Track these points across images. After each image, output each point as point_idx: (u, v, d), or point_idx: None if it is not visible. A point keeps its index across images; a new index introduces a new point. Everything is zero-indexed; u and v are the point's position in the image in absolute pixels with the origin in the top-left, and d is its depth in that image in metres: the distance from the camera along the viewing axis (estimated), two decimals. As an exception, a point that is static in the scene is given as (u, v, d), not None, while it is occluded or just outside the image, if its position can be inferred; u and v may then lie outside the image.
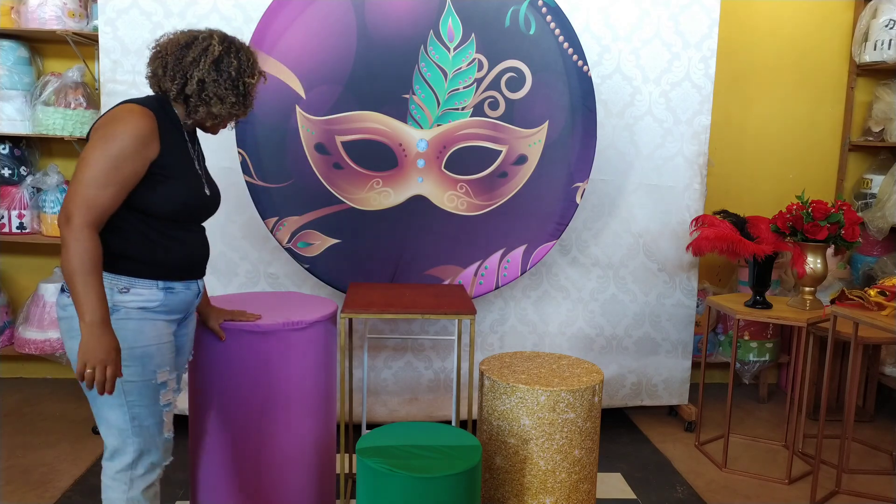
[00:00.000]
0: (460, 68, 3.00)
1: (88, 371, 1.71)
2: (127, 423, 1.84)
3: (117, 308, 1.80)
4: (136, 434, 1.85)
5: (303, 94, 2.92)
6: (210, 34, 1.89)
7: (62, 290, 1.84)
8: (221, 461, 2.30)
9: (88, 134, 1.82)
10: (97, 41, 3.21)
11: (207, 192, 1.99)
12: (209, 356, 2.26)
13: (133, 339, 1.81)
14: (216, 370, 2.25)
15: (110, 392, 1.74)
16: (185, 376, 2.21)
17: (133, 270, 1.83)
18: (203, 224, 2.03)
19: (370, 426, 2.66)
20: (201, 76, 1.84)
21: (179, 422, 2.17)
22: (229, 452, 2.30)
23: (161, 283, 1.87)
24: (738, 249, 3.05)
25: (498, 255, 3.14)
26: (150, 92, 1.97)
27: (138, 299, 1.83)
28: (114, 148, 1.73)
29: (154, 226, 1.85)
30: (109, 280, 1.80)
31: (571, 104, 3.08)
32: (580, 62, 3.07)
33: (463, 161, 3.05)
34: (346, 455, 2.94)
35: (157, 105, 1.88)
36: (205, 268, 2.03)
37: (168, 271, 1.88)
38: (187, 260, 1.93)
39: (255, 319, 2.24)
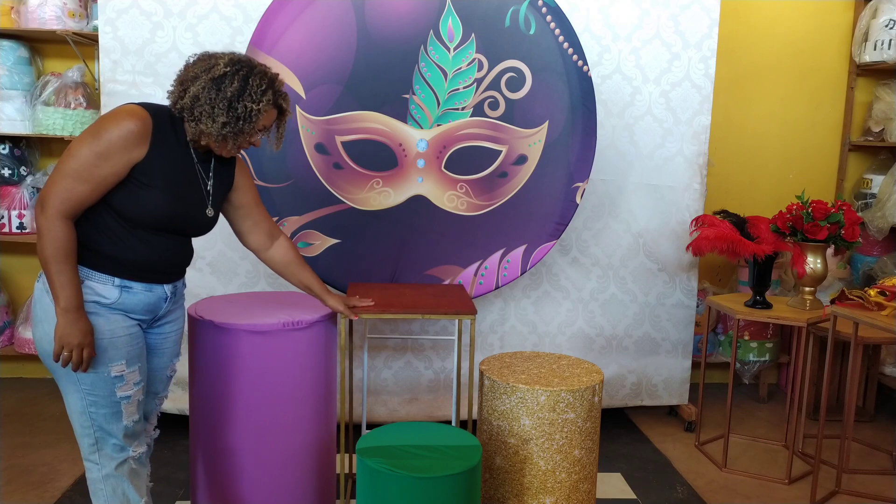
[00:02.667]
0: (460, 68, 3.00)
1: (65, 354, 1.80)
2: (85, 409, 1.89)
3: None
4: (92, 419, 1.90)
5: (303, 94, 2.92)
6: (223, 55, 1.89)
7: (39, 277, 1.88)
8: (222, 461, 2.30)
9: None
10: (97, 41, 3.21)
11: (210, 213, 2.00)
12: (210, 356, 2.26)
13: (95, 332, 1.85)
14: (217, 370, 2.25)
15: (85, 370, 1.84)
16: (173, 377, 2.21)
17: (91, 262, 1.85)
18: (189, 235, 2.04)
19: (370, 426, 2.66)
20: (196, 91, 1.84)
21: (180, 422, 2.18)
22: (230, 452, 2.30)
23: (117, 281, 1.87)
24: (738, 249, 3.05)
25: (498, 255, 3.14)
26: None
27: (91, 293, 1.85)
28: (99, 144, 1.76)
29: (124, 225, 1.86)
30: None
31: (571, 104, 3.08)
32: (580, 62, 3.07)
33: (463, 161, 3.05)
34: (347, 455, 2.94)
35: (164, 113, 1.88)
36: (175, 273, 2.02)
37: (125, 269, 1.88)
38: (148, 262, 1.91)
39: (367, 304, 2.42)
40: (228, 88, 1.84)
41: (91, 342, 1.81)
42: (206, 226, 2.03)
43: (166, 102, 1.94)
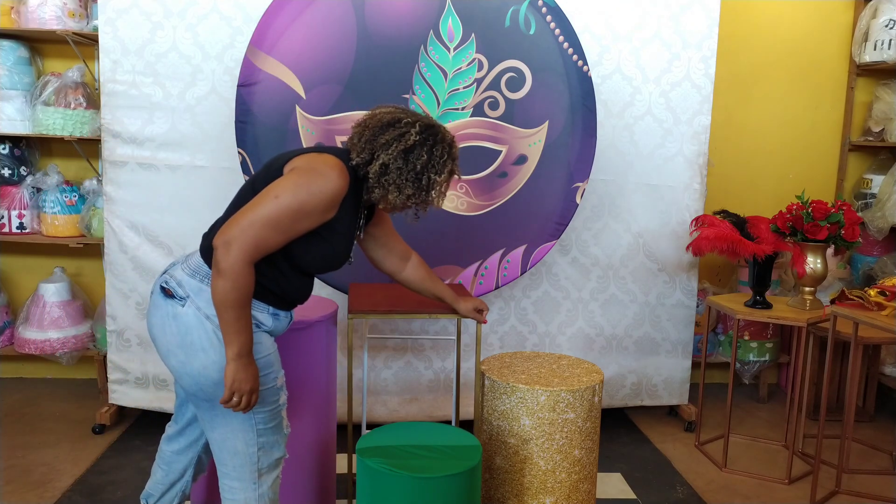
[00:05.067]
0: (460, 68, 3.00)
1: (235, 399, 1.74)
2: (252, 428, 1.84)
3: None
4: (260, 435, 1.86)
5: (303, 95, 2.92)
6: (414, 121, 1.88)
7: (168, 293, 1.79)
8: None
9: (277, 164, 1.80)
10: (97, 41, 3.21)
11: (352, 257, 2.00)
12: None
13: (259, 350, 1.81)
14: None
15: (245, 412, 1.79)
16: None
17: (256, 293, 1.80)
18: None
19: (370, 426, 2.66)
20: (387, 160, 1.84)
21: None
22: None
23: (271, 310, 1.87)
24: (738, 249, 3.05)
25: (498, 255, 3.14)
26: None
27: (254, 320, 1.82)
28: (305, 201, 1.73)
29: (290, 266, 1.85)
30: None
31: (571, 104, 3.08)
32: (580, 62, 3.07)
33: (463, 161, 3.02)
34: (350, 455, 2.94)
35: (353, 172, 1.87)
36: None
37: (280, 302, 1.88)
38: (299, 296, 1.93)
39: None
40: (417, 162, 1.86)
41: (258, 387, 1.78)
42: (342, 265, 2.03)
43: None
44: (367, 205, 2.00)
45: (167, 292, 1.78)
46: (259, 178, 1.84)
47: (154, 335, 1.83)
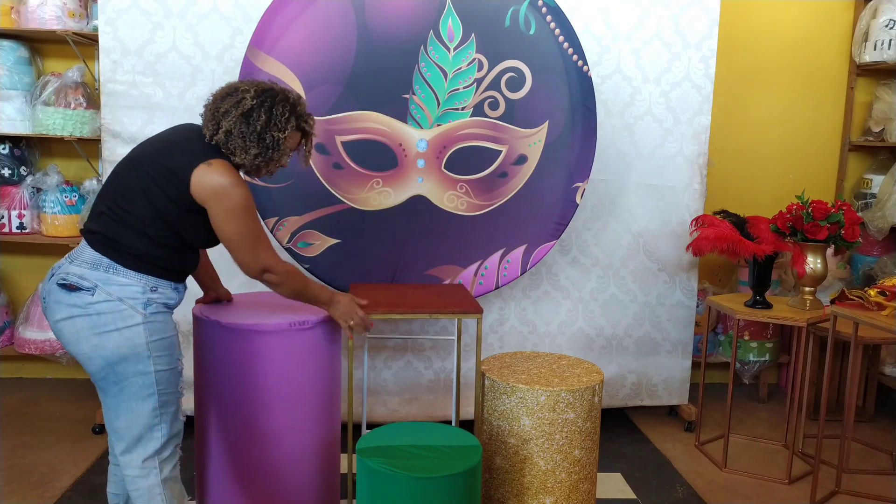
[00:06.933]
0: (460, 68, 3.00)
1: (352, 323, 2.29)
2: (156, 410, 1.97)
3: (150, 303, 1.95)
4: (164, 420, 1.99)
5: (303, 94, 2.92)
6: (249, 87, 2.02)
7: (71, 287, 1.91)
8: (227, 461, 2.31)
9: (181, 173, 1.94)
10: (97, 41, 3.21)
11: None
12: (215, 356, 2.26)
13: (164, 330, 1.98)
14: (221, 370, 2.25)
15: (371, 326, 2.35)
16: None
17: (158, 273, 1.98)
18: None
19: (370, 426, 2.66)
20: (229, 127, 1.98)
21: (185, 423, 2.18)
22: (235, 452, 2.30)
23: (173, 285, 2.04)
24: (738, 249, 3.05)
25: (498, 255, 3.14)
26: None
27: (163, 297, 1.99)
28: (248, 204, 2.00)
29: (185, 243, 2.03)
30: (141, 279, 1.94)
31: (571, 104, 3.08)
32: (580, 62, 3.07)
33: (463, 161, 3.05)
34: (350, 455, 2.94)
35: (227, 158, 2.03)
36: None
37: (180, 276, 2.07)
38: (191, 266, 2.11)
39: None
40: (257, 122, 1.99)
41: (359, 309, 2.33)
42: None
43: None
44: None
45: (70, 287, 1.90)
46: (154, 178, 1.94)
47: (60, 329, 1.94)
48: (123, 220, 1.93)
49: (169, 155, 1.97)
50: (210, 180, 1.94)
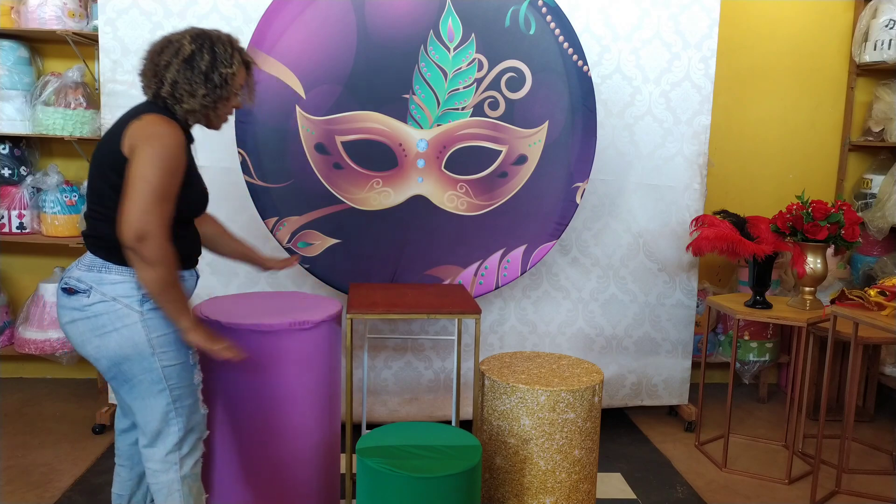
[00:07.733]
0: (460, 68, 3.00)
1: (220, 354, 1.96)
2: (170, 405, 1.96)
3: (147, 299, 1.90)
4: (179, 414, 1.97)
5: (303, 94, 2.92)
6: (183, 35, 1.94)
7: (71, 291, 1.90)
8: (229, 460, 2.31)
9: (111, 147, 1.86)
10: (97, 41, 3.21)
11: (206, 188, 2.09)
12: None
13: (165, 326, 1.93)
14: (224, 369, 2.25)
15: (238, 360, 2.01)
16: None
17: None
18: None
19: (370, 426, 2.66)
20: (174, 76, 1.91)
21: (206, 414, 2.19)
22: (235, 452, 2.30)
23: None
24: (738, 249, 3.05)
25: (498, 255, 3.14)
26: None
27: None
28: (168, 163, 1.83)
29: (173, 224, 1.92)
30: (133, 275, 1.89)
31: (571, 104, 3.08)
32: (580, 62, 3.07)
33: (463, 161, 3.05)
34: (350, 455, 2.94)
35: (168, 112, 1.94)
36: (198, 254, 2.14)
37: (184, 261, 1.97)
38: (191, 250, 2.05)
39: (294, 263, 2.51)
40: (202, 63, 1.91)
41: (221, 340, 1.98)
42: (207, 201, 2.12)
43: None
44: (191, 140, 2.04)
45: (69, 291, 1.90)
46: (105, 165, 1.89)
47: (68, 332, 1.94)
48: (103, 216, 1.90)
49: (109, 137, 1.92)
50: (137, 129, 1.85)
